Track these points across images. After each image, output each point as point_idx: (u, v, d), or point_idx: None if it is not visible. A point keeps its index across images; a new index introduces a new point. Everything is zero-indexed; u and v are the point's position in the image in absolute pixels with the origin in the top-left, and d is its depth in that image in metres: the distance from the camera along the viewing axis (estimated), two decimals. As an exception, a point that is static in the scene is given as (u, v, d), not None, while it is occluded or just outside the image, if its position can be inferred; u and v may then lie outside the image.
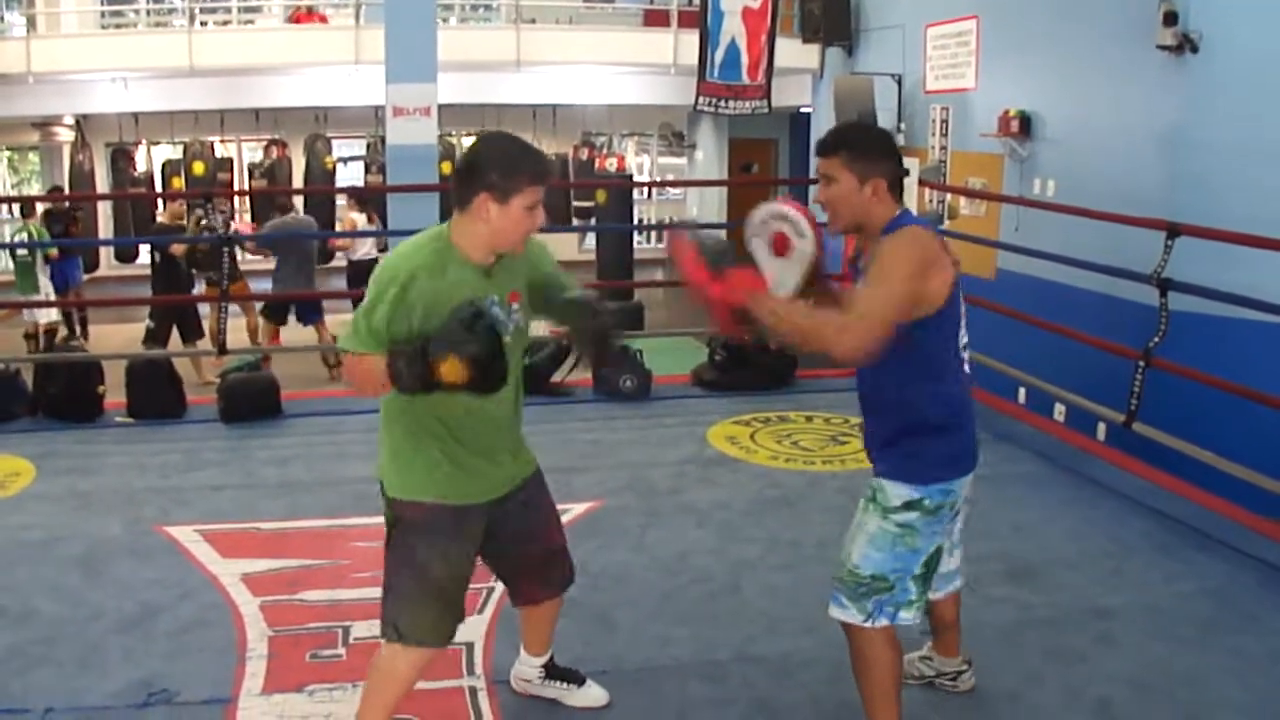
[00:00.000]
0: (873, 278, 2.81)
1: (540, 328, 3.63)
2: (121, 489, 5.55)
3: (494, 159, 2.85)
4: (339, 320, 12.03)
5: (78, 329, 12.22)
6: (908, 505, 2.97)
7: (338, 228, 15.08)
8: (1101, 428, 6.72)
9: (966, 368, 3.02)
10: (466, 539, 3.02)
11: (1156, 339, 5.60)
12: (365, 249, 11.42)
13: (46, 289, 11.72)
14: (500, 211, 2.82)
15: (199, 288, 10.88)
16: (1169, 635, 4.06)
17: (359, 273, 11.56)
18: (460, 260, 2.86)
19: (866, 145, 2.96)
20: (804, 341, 2.72)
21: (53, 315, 11.62)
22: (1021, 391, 7.48)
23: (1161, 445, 5.63)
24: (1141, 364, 5.62)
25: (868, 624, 3.00)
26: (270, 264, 10.84)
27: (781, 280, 2.97)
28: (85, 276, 13.35)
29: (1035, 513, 5.31)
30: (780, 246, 2.99)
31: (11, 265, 12.04)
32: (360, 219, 11.56)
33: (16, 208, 12.63)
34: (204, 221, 9.73)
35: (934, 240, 2.89)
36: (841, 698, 3.32)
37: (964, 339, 3.02)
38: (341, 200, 16.28)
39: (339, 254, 12.12)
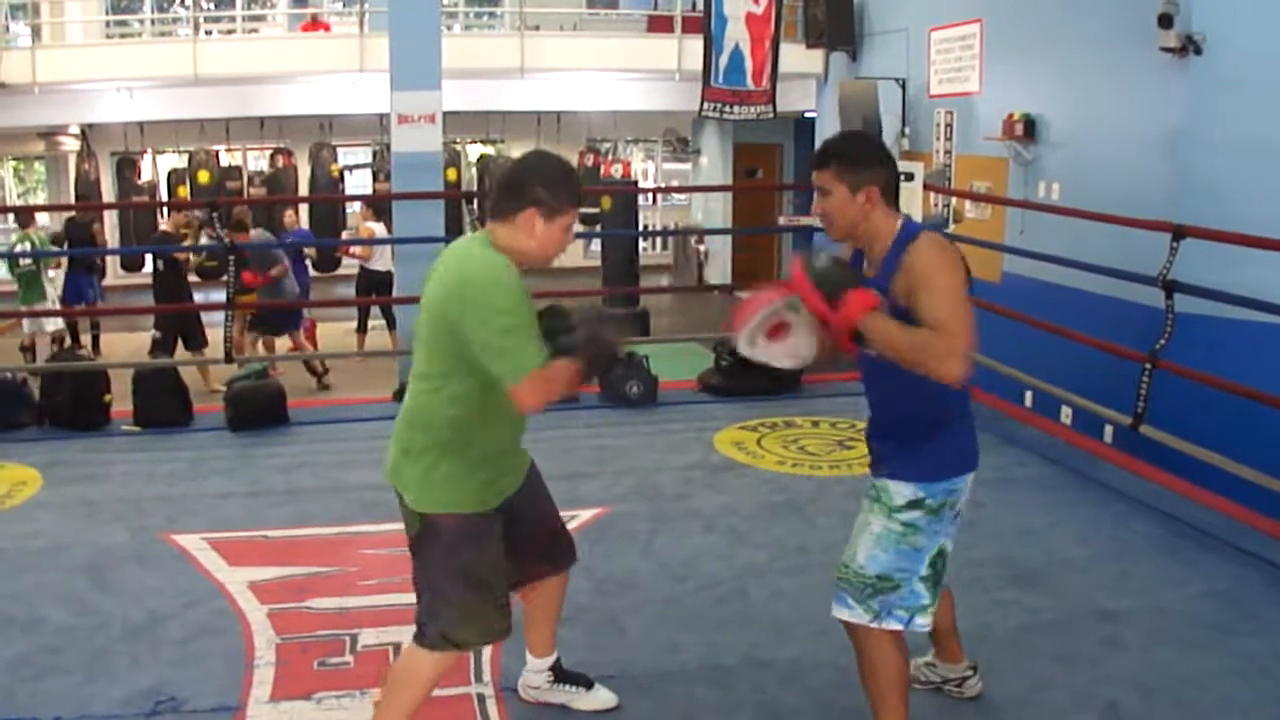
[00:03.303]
0: (939, 293, 2.82)
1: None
2: (128, 497, 5.56)
3: (544, 177, 2.93)
4: (343, 328, 12.07)
5: (85, 341, 12.15)
6: (911, 504, 2.98)
7: (346, 236, 15.13)
8: (1108, 430, 6.70)
9: None
10: (499, 537, 3.07)
11: (1163, 341, 5.59)
12: (382, 260, 11.34)
13: (54, 299, 11.69)
14: (545, 228, 2.90)
15: (207, 295, 10.89)
16: (1176, 638, 4.05)
17: (373, 283, 11.55)
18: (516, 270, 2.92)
19: (857, 155, 2.99)
20: (908, 362, 2.80)
21: (59, 324, 11.60)
22: (1028, 395, 7.47)
23: (1168, 448, 5.62)
24: (1148, 366, 5.61)
25: (875, 624, 3.01)
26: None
27: (800, 354, 3.02)
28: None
29: (1042, 516, 5.30)
30: (778, 333, 3.00)
31: (9, 275, 12.02)
32: (378, 229, 11.49)
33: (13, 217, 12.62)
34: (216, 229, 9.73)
35: (951, 243, 2.96)
36: (849, 703, 3.32)
37: None
38: (350, 208, 16.36)
39: (358, 263, 12.01)
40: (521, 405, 2.82)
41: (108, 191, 16.56)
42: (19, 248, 11.46)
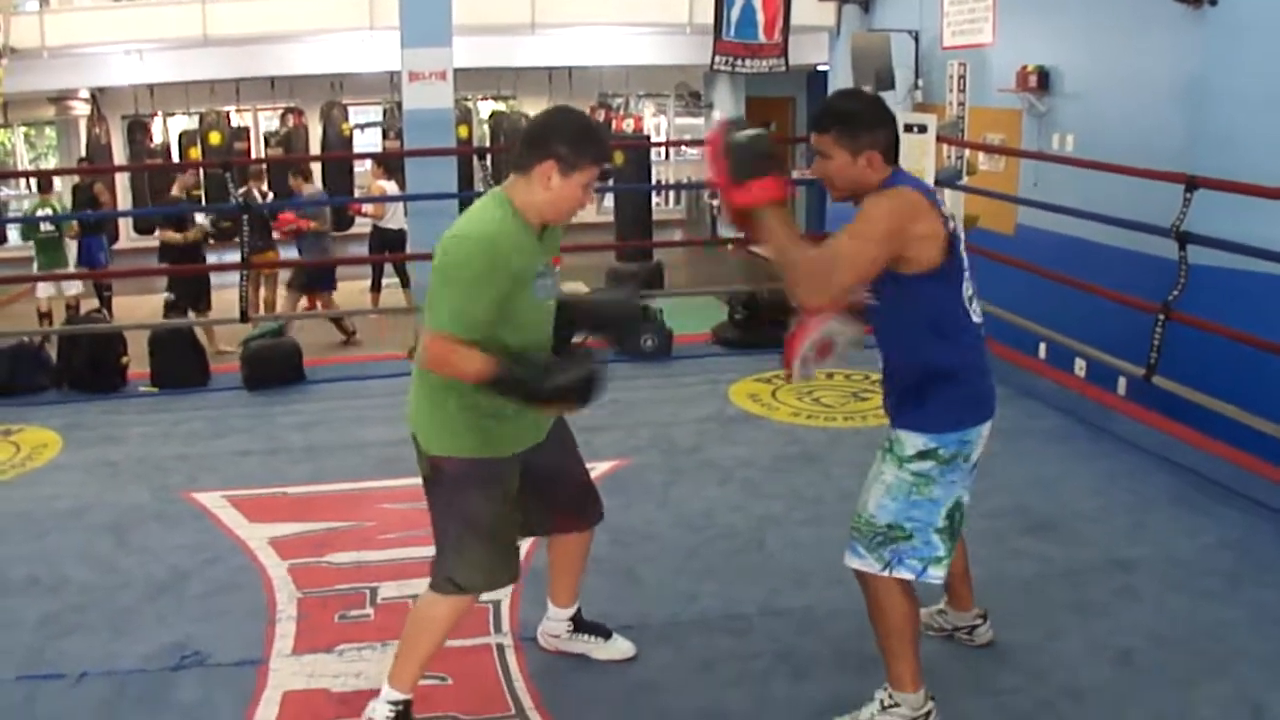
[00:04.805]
0: (851, 229, 2.84)
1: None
2: (148, 457, 5.61)
3: (565, 131, 2.93)
4: (358, 287, 12.10)
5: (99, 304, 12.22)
6: (922, 454, 3.00)
7: (358, 195, 15.09)
8: (1122, 382, 6.70)
9: (976, 318, 3.03)
10: (507, 485, 3.09)
11: (1176, 292, 5.58)
12: (395, 218, 11.33)
13: (72, 265, 11.73)
14: (562, 183, 2.90)
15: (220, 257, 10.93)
16: (1190, 588, 4.07)
17: (386, 241, 11.56)
18: (522, 224, 2.92)
19: (857, 119, 2.97)
20: (779, 268, 2.82)
21: (77, 287, 11.64)
22: (1042, 347, 7.47)
23: (1182, 399, 5.62)
24: (1161, 318, 5.61)
25: (885, 573, 3.03)
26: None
27: (848, 352, 3.15)
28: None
29: (1056, 466, 5.32)
30: (825, 351, 3.09)
31: (29, 241, 12.03)
32: (390, 187, 11.47)
33: (34, 183, 12.65)
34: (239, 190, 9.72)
35: (921, 199, 2.91)
36: (865, 650, 3.35)
37: (970, 289, 3.03)
38: (360, 167, 16.33)
39: (371, 222, 12.01)
40: (424, 356, 2.86)
41: (119, 155, 16.54)
42: (40, 213, 11.48)
